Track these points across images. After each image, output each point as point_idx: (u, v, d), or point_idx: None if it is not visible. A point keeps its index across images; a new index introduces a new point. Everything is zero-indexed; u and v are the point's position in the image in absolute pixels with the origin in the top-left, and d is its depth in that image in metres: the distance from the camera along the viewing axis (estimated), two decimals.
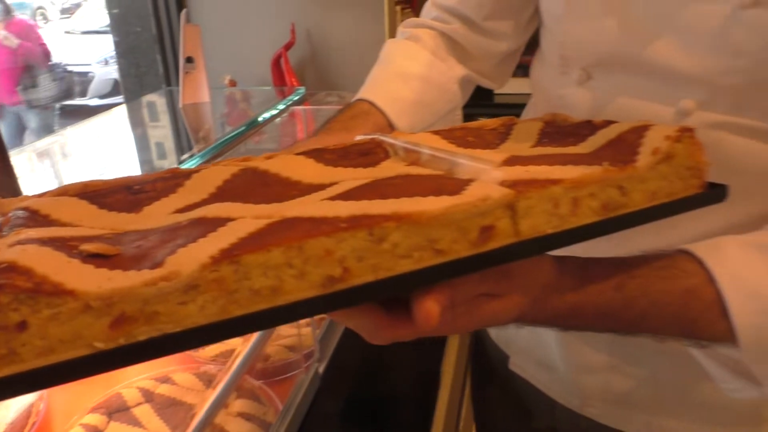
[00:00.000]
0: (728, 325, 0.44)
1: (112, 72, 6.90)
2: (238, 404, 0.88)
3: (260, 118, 1.60)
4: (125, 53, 2.08)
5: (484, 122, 0.55)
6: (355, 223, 0.33)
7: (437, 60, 0.72)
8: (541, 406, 0.78)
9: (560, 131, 0.51)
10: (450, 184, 0.38)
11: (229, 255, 0.30)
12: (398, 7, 2.02)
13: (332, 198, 0.38)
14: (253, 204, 0.38)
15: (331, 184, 0.42)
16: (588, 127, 0.49)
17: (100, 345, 0.28)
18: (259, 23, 1.98)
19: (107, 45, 7.07)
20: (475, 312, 0.39)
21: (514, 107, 0.77)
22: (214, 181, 0.42)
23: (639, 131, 0.44)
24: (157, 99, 1.88)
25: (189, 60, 1.66)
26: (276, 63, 1.94)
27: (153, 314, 0.29)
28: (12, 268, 0.27)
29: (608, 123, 0.48)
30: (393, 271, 0.33)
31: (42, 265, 0.28)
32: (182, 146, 1.49)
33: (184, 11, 1.66)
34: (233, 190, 0.41)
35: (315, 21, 1.98)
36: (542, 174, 0.39)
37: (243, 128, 1.51)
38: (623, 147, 0.43)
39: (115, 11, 2.08)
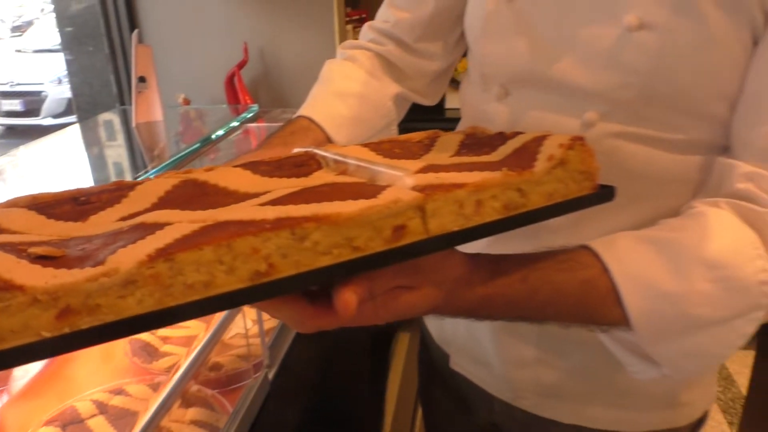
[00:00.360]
0: (622, 311, 0.49)
1: (66, 91, 6.80)
2: (191, 412, 0.90)
3: (214, 136, 1.63)
4: (78, 72, 2.08)
5: (410, 135, 0.60)
6: (278, 224, 0.37)
7: (373, 79, 0.77)
8: (480, 402, 0.83)
9: (478, 142, 0.57)
10: (369, 189, 0.43)
11: (164, 253, 0.34)
12: (349, 26, 2.08)
13: (262, 204, 0.42)
14: (191, 211, 0.42)
15: (264, 193, 0.46)
16: (500, 138, 0.55)
17: (47, 334, 0.31)
18: (212, 43, 2.01)
19: (61, 64, 6.96)
20: (392, 303, 0.43)
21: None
22: (157, 191, 0.46)
23: (539, 140, 0.49)
24: (111, 118, 1.89)
25: (141, 79, 1.68)
26: (229, 81, 1.97)
27: (95, 307, 0.32)
28: None
29: (516, 134, 0.54)
30: (314, 266, 0.38)
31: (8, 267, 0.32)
32: (137, 164, 1.51)
33: (135, 31, 1.68)
34: (174, 199, 0.45)
35: (268, 40, 2.02)
36: (449, 179, 0.44)
37: (197, 145, 1.54)
38: (525, 155, 0.49)
39: (68, 30, 2.08)
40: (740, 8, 0.51)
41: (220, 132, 1.66)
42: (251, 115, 1.84)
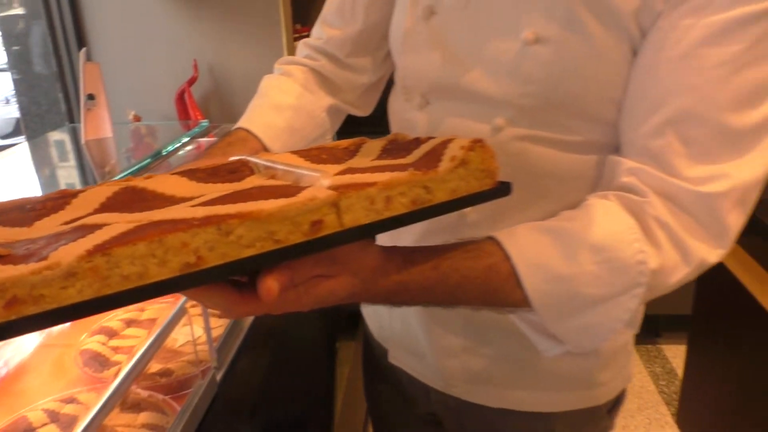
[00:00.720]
0: (523, 293, 0.56)
1: (13, 111, 6.64)
2: (142, 417, 0.93)
3: (164, 151, 1.65)
4: (26, 91, 2.08)
5: (338, 142, 0.66)
6: (206, 221, 0.42)
7: (306, 92, 0.83)
8: (418, 392, 0.89)
9: (398, 147, 0.63)
10: (291, 190, 0.48)
11: (102, 249, 0.38)
12: (298, 42, 2.14)
13: (194, 205, 0.47)
14: (128, 213, 0.46)
15: (198, 197, 0.51)
16: (416, 143, 0.61)
17: None
18: (162, 59, 2.03)
19: (7, 83, 6.79)
20: (313, 290, 0.48)
21: None
22: (98, 198, 0.50)
23: (445, 143, 0.56)
24: (60, 136, 1.90)
25: (90, 97, 1.70)
26: (180, 98, 2.00)
27: (39, 297, 0.36)
28: None
29: (429, 139, 0.60)
30: (238, 257, 0.43)
31: None
32: (87, 181, 1.53)
33: (83, 50, 1.70)
34: (115, 205, 0.50)
35: (217, 56, 2.05)
36: (363, 179, 0.49)
37: (147, 161, 1.57)
38: (433, 156, 0.55)
39: (15, 48, 2.08)
40: (619, 25, 0.58)
41: (171, 147, 1.68)
42: (201, 130, 1.88)
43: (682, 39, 0.55)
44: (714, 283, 1.56)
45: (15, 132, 6.46)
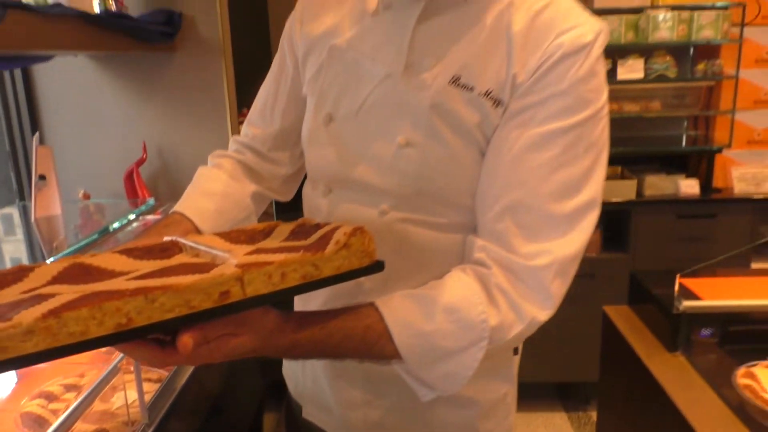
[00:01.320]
0: (394, 347, 0.70)
1: None
2: None
3: (111, 228, 1.76)
4: None
5: (255, 225, 0.80)
6: (136, 292, 0.55)
7: (233, 181, 0.98)
8: None
9: (303, 231, 0.77)
10: (207, 267, 0.62)
11: (54, 313, 0.51)
12: (242, 126, 2.30)
13: (128, 279, 0.60)
14: (76, 285, 0.59)
15: (134, 271, 0.64)
16: (316, 228, 0.75)
17: None
18: (113, 141, 2.14)
19: None
20: (222, 346, 0.61)
21: None
22: (51, 272, 0.63)
23: (335, 229, 0.70)
24: (10, 212, 1.98)
25: (41, 177, 1.80)
26: (129, 177, 2.11)
27: (4, 348, 0.49)
28: None
29: (326, 225, 0.75)
30: (161, 319, 0.55)
31: None
32: (36, 256, 1.61)
33: (36, 134, 1.82)
34: (64, 278, 0.62)
35: (166, 138, 2.18)
36: (264, 259, 0.63)
37: (95, 237, 1.66)
38: (325, 240, 0.69)
39: None
40: (468, 134, 0.76)
41: (117, 224, 1.79)
42: (148, 207, 1.99)
43: (513, 146, 0.73)
44: (612, 349, 1.73)
45: None
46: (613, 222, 2.85)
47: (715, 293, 1.52)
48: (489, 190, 0.76)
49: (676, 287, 1.48)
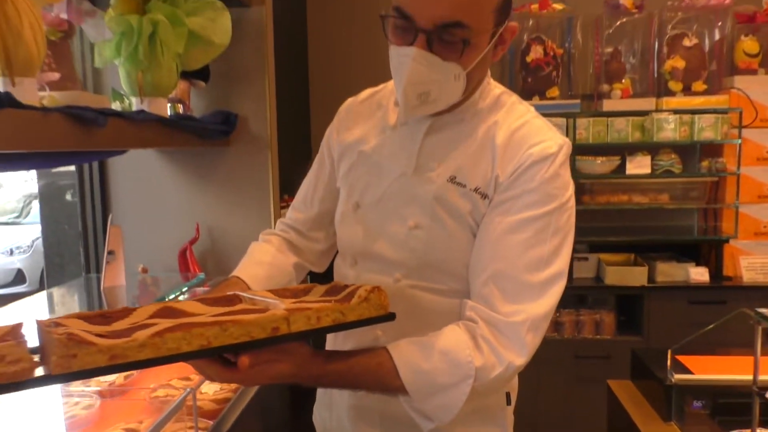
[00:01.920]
0: (401, 382, 0.89)
1: (15, 262, 6.95)
2: None
3: (166, 298, 1.99)
4: (53, 245, 2.45)
5: (297, 286, 1.02)
6: (214, 323, 0.76)
7: (279, 253, 1.21)
8: None
9: (334, 290, 0.98)
10: (262, 310, 0.83)
11: (159, 334, 0.72)
12: (284, 210, 2.55)
13: (206, 317, 0.81)
14: (166, 319, 0.80)
15: (206, 314, 0.85)
16: (344, 288, 0.96)
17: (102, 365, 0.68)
18: (170, 222, 2.40)
19: (13, 236, 7.17)
20: (269, 369, 0.81)
21: None
22: (148, 311, 0.84)
23: (358, 287, 0.91)
24: (80, 283, 2.25)
25: (110, 253, 2.07)
26: (183, 254, 2.36)
27: (124, 356, 0.70)
28: (71, 333, 0.69)
29: (351, 285, 0.95)
30: (229, 343, 0.76)
31: (82, 333, 0.70)
32: None
33: (111, 215, 2.10)
34: (158, 314, 0.84)
35: (216, 220, 2.42)
36: (304, 305, 0.84)
37: None
38: (350, 294, 0.90)
39: (48, 209, 2.48)
40: (462, 220, 0.99)
41: (171, 295, 2.02)
42: (198, 281, 2.23)
43: (496, 229, 0.95)
44: (616, 420, 1.84)
45: (15, 281, 6.72)
46: (627, 306, 2.97)
47: (707, 369, 1.65)
48: (477, 263, 0.98)
49: (669, 362, 1.61)
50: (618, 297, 2.97)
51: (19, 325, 0.76)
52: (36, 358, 0.71)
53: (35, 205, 6.95)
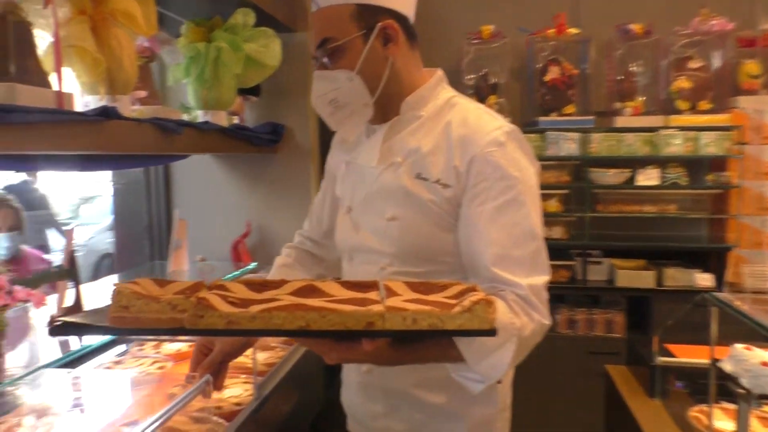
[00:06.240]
0: (457, 351, 0.93)
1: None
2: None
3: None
4: (122, 237, 2.57)
5: (439, 281, 0.94)
6: (317, 308, 0.79)
7: (300, 266, 1.37)
8: None
9: (426, 287, 0.92)
10: (369, 302, 0.83)
11: (268, 310, 0.78)
12: None
13: (326, 300, 0.83)
14: (297, 297, 0.84)
15: (339, 296, 0.86)
16: (441, 289, 0.90)
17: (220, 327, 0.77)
18: (225, 219, 2.50)
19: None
20: (359, 348, 0.83)
21: None
22: (294, 286, 0.89)
23: (467, 292, 0.85)
24: (147, 269, 2.37)
25: (177, 242, 2.18)
26: (235, 247, 2.46)
27: (239, 324, 0.77)
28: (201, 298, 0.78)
29: (457, 284, 0.90)
30: (325, 328, 0.79)
31: (216, 302, 0.79)
32: None
33: (176, 210, 2.21)
34: (298, 292, 0.87)
35: (264, 218, 2.52)
36: (402, 305, 0.81)
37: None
38: (457, 297, 0.85)
39: (119, 206, 2.60)
40: (428, 209, 1.08)
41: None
42: (250, 269, 2.33)
43: (479, 219, 1.04)
44: (610, 400, 1.92)
45: None
46: (636, 307, 3.02)
47: (690, 354, 1.73)
48: (473, 253, 1.05)
49: (655, 346, 1.70)
50: (627, 298, 3.02)
51: (200, 283, 0.88)
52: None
53: (83, 209, 7.12)
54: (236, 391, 1.46)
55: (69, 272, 1.40)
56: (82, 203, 7.16)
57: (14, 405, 1.20)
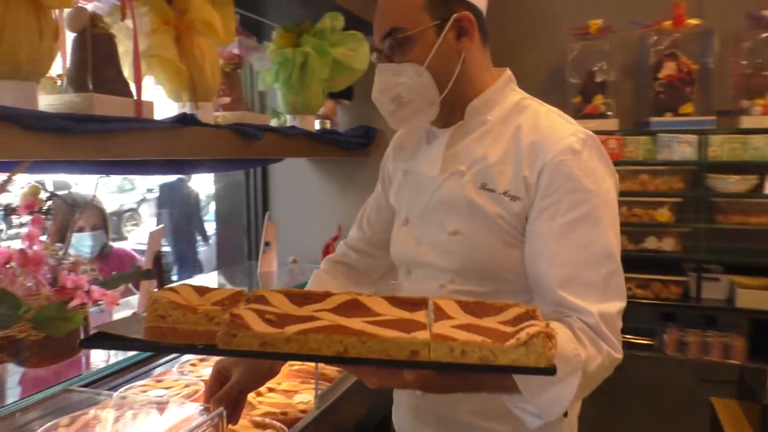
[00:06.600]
0: (512, 381, 0.83)
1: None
2: None
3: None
4: (224, 238, 2.70)
5: (492, 301, 0.85)
6: (357, 333, 0.72)
7: (332, 279, 1.27)
8: None
9: (481, 308, 0.84)
10: (417, 327, 0.75)
11: (304, 332, 0.72)
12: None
13: (367, 321, 0.77)
14: (338, 316, 0.78)
15: (385, 315, 0.79)
16: (497, 311, 0.82)
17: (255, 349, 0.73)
18: (317, 222, 2.53)
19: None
20: (405, 376, 0.77)
21: None
22: (337, 300, 0.84)
23: (525, 317, 0.76)
24: (243, 268, 2.47)
25: (267, 244, 2.24)
26: (326, 249, 2.47)
27: (273, 345, 0.72)
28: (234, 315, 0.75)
29: (515, 305, 0.81)
30: (364, 356, 0.72)
31: (250, 320, 0.75)
32: None
33: (267, 213, 2.28)
34: (340, 308, 0.82)
35: (353, 220, 2.53)
36: (451, 333, 0.73)
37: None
38: (514, 322, 0.76)
39: (221, 207, 2.74)
40: (494, 223, 0.99)
41: None
42: None
43: (548, 236, 0.94)
44: None
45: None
46: (761, 331, 2.67)
47: None
48: (540, 273, 0.95)
49: None
50: (749, 321, 2.67)
51: (240, 293, 0.85)
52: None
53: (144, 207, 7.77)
54: (306, 396, 1.46)
55: (150, 272, 1.47)
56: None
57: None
